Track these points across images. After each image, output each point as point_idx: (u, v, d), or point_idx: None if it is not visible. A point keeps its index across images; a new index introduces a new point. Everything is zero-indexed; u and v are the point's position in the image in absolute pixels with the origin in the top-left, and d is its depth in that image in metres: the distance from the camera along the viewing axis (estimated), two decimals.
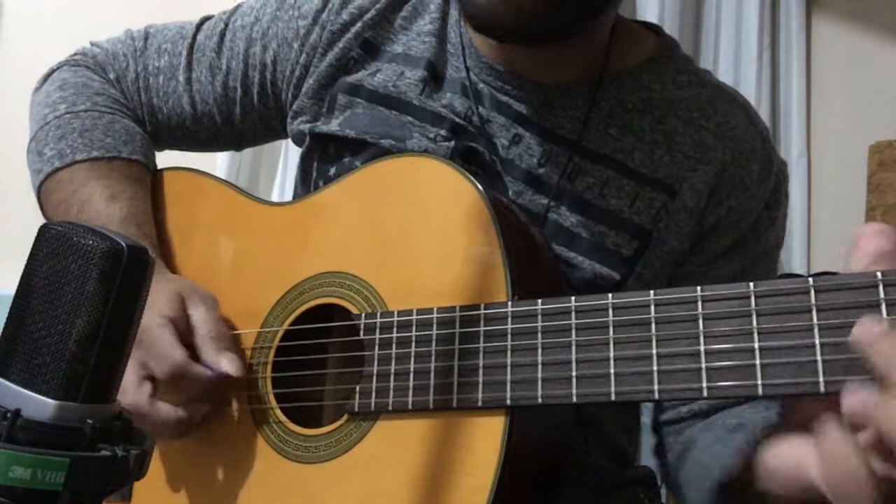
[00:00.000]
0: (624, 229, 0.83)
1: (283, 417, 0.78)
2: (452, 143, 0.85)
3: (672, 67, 0.89)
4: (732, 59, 2.22)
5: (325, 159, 0.91)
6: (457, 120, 0.86)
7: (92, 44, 1.03)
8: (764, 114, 2.11)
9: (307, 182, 0.94)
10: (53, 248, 0.45)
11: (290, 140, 1.00)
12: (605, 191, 0.83)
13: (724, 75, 2.13)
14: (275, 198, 2.15)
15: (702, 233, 0.85)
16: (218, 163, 2.14)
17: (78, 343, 0.44)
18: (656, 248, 0.84)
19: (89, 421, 0.44)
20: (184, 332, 0.79)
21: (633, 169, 0.84)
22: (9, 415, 0.42)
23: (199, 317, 0.80)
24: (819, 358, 0.53)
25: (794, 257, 2.12)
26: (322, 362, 0.80)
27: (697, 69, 0.92)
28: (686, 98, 0.87)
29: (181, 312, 0.80)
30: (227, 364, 0.77)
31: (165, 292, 0.80)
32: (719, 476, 0.71)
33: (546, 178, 0.84)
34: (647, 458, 1.04)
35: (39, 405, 0.43)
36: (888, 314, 0.51)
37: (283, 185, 2.19)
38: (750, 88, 2.16)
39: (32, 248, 0.46)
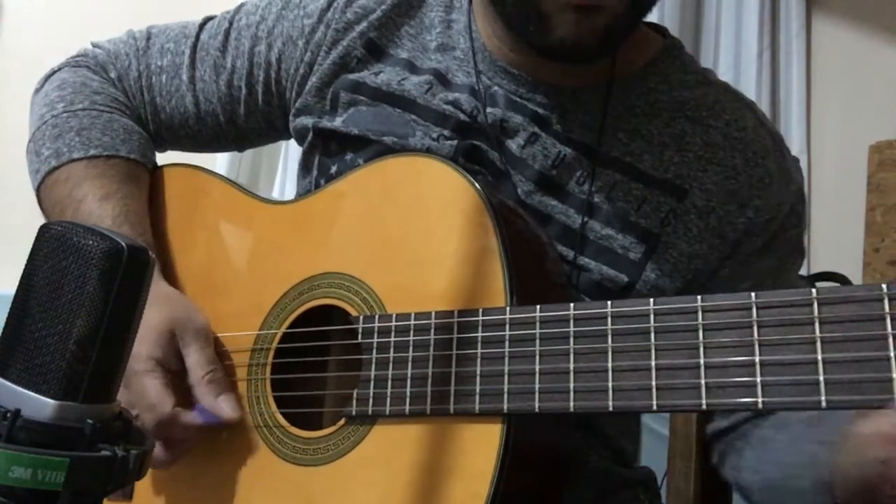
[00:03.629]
0: (631, 233, 0.83)
1: (281, 420, 0.78)
2: (455, 141, 0.85)
3: (678, 67, 0.89)
4: (732, 59, 2.22)
5: (327, 156, 0.91)
6: (461, 117, 0.86)
7: (93, 44, 1.03)
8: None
9: (308, 178, 0.94)
10: (53, 248, 0.45)
11: (290, 141, 1.00)
12: (612, 194, 0.83)
13: (724, 75, 2.13)
14: (275, 196, 2.15)
15: (735, 239, 0.85)
16: (218, 161, 2.14)
17: (78, 343, 0.44)
18: (666, 252, 0.83)
19: (89, 421, 0.44)
20: (174, 371, 0.79)
21: (642, 171, 0.84)
22: (9, 415, 0.42)
23: (194, 359, 0.79)
24: (821, 376, 0.52)
25: None
26: (321, 364, 0.80)
27: (703, 69, 0.92)
28: (694, 98, 0.87)
29: (171, 351, 0.79)
30: (227, 410, 0.77)
31: (155, 327, 0.78)
32: (818, 475, 0.69)
33: (557, 180, 0.84)
34: (648, 459, 1.04)
35: (39, 405, 0.43)
36: (893, 328, 0.51)
37: (283, 185, 2.19)
38: (750, 88, 2.16)
39: (32, 248, 0.46)
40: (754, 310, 0.55)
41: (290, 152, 2.16)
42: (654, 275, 0.83)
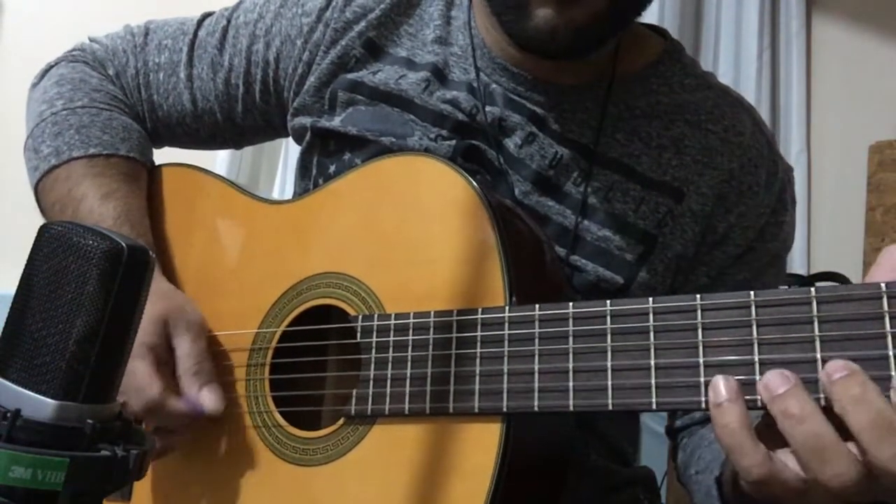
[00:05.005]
0: (628, 233, 0.83)
1: (280, 420, 0.78)
2: (453, 141, 0.85)
3: (679, 70, 0.89)
4: (732, 59, 2.22)
5: (325, 155, 0.91)
6: (459, 117, 0.86)
7: (91, 39, 1.02)
8: (764, 114, 2.11)
9: (307, 178, 0.94)
10: (53, 248, 0.45)
11: (290, 140, 0.99)
12: (610, 195, 0.83)
13: (724, 75, 2.14)
14: (275, 195, 2.15)
15: (714, 241, 0.85)
16: (218, 161, 2.14)
17: (78, 343, 0.44)
18: (661, 253, 0.83)
19: (89, 421, 0.43)
20: (164, 361, 0.79)
21: (640, 173, 0.84)
22: (9, 415, 0.42)
23: (183, 349, 0.79)
24: (820, 374, 0.51)
25: (794, 257, 2.12)
26: (320, 364, 0.80)
27: (703, 72, 0.92)
28: (694, 101, 0.87)
29: (163, 340, 0.79)
30: (209, 401, 0.77)
31: (150, 317, 0.78)
32: (718, 470, 0.71)
33: (554, 181, 0.84)
34: (648, 459, 1.04)
35: (39, 405, 0.43)
36: (892, 326, 0.51)
37: (283, 183, 2.19)
38: (750, 88, 2.16)
39: (32, 248, 0.46)
40: (753, 308, 0.55)
41: (290, 152, 2.16)
42: (648, 276, 0.83)
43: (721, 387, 0.53)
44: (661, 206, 0.83)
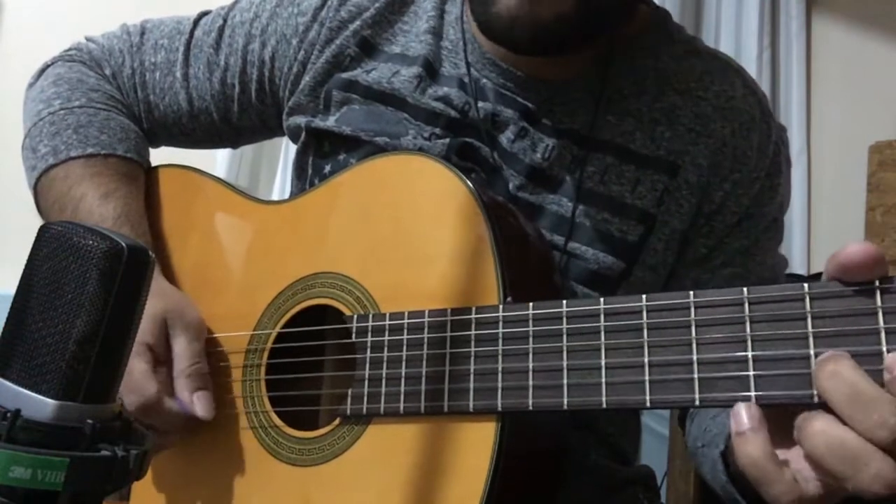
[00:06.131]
0: (627, 215, 0.83)
1: (277, 420, 0.78)
2: (447, 140, 0.85)
3: (665, 39, 0.89)
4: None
5: (321, 156, 0.91)
6: (452, 114, 0.86)
7: (87, 39, 1.02)
8: None
9: (303, 179, 0.94)
10: (53, 248, 0.45)
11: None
12: (605, 178, 0.83)
13: None
14: (275, 196, 2.15)
15: (711, 211, 0.85)
16: (218, 160, 2.14)
17: (78, 343, 0.44)
18: (660, 232, 0.83)
19: (89, 421, 0.43)
20: (162, 359, 0.79)
21: (634, 151, 0.84)
22: (9, 415, 0.42)
23: (181, 350, 0.79)
24: (814, 370, 0.51)
25: (794, 257, 2.12)
26: (315, 364, 0.80)
27: (690, 38, 0.92)
28: (682, 70, 0.87)
29: (162, 338, 0.79)
30: (200, 407, 0.77)
31: (148, 314, 0.78)
32: (722, 444, 0.71)
33: (548, 172, 0.84)
34: (648, 459, 1.04)
35: (39, 405, 0.43)
36: (885, 322, 0.50)
37: (283, 183, 2.19)
38: None
39: (32, 248, 0.46)
40: (746, 305, 0.55)
41: (289, 153, 2.16)
42: (649, 256, 0.83)
43: (743, 414, 0.52)
44: (657, 183, 0.83)
